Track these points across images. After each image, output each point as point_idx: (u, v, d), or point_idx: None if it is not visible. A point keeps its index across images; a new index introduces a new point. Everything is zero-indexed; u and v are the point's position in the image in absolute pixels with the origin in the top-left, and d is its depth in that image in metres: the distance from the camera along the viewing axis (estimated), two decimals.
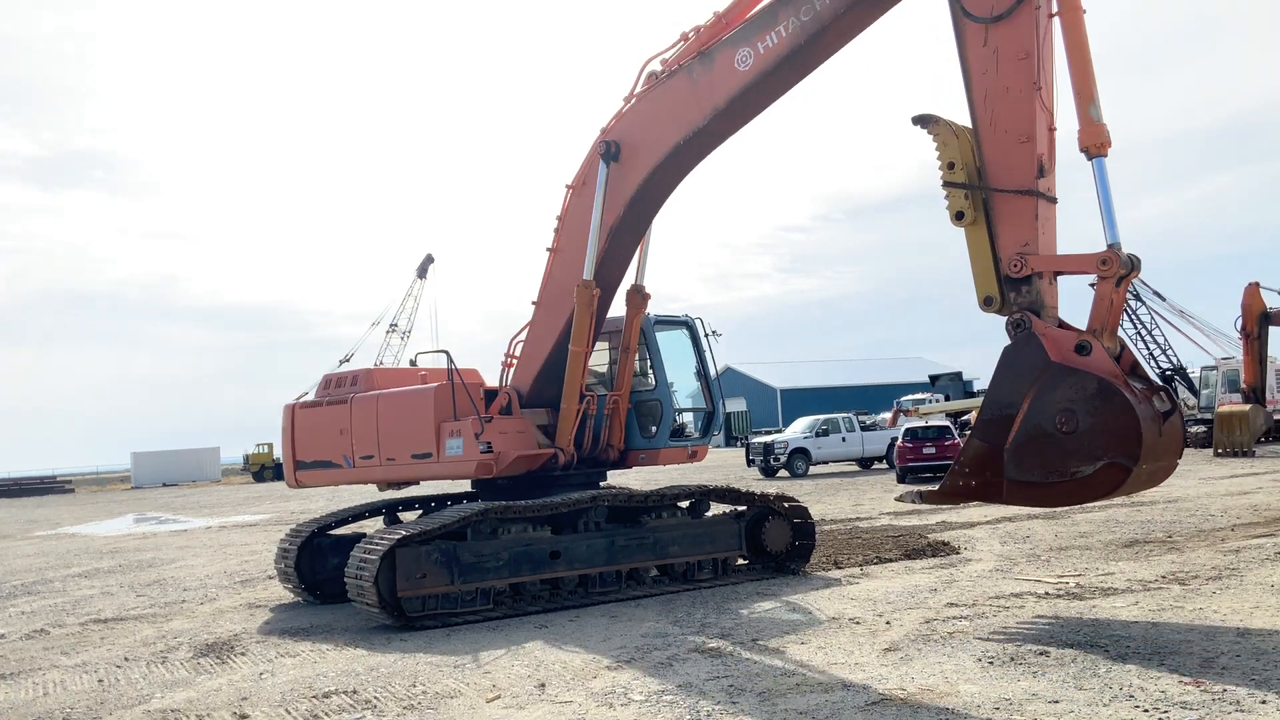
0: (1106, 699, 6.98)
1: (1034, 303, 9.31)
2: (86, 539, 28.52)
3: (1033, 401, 9.00)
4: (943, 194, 9.76)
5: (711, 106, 11.24)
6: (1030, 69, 9.37)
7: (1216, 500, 19.57)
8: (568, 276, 12.68)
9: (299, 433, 14.18)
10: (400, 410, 13.16)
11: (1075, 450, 8.87)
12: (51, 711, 8.58)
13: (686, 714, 7.26)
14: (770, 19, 10.65)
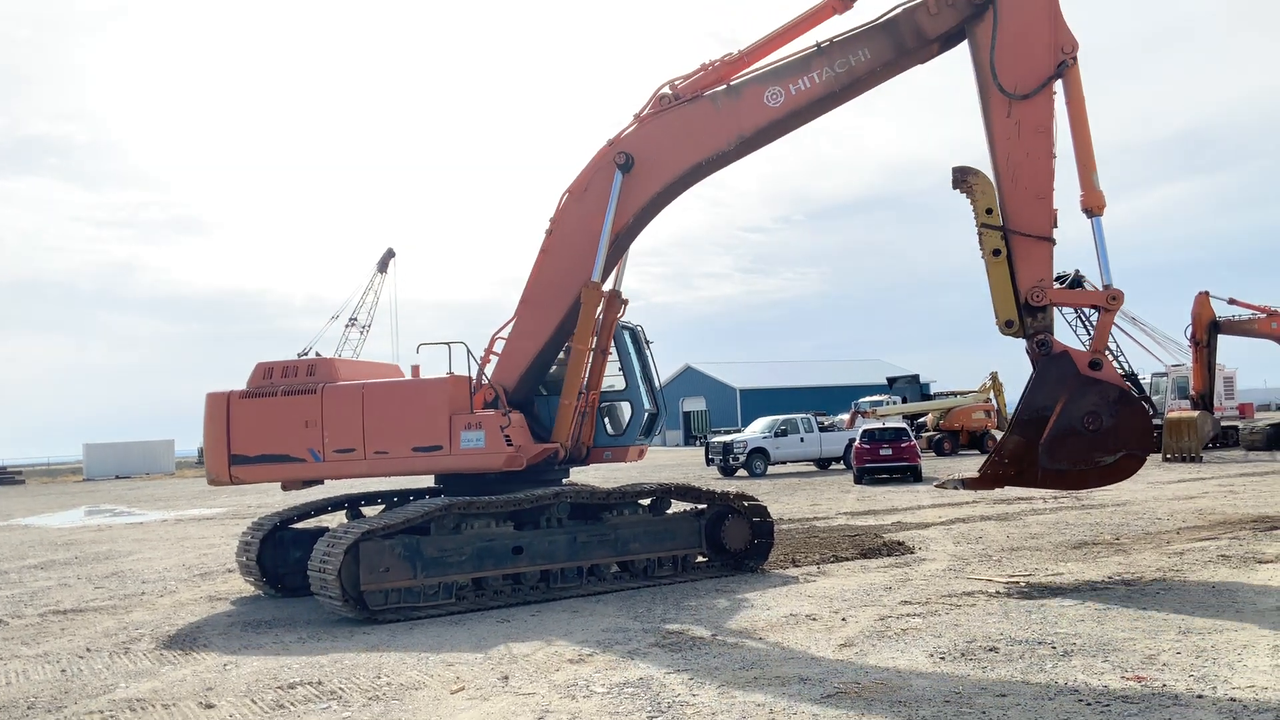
0: (1052, 693, 7.25)
1: (1047, 327, 11.64)
2: (40, 531, 28.23)
3: (1065, 405, 11.33)
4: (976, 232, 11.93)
5: (738, 134, 12.46)
6: (1049, 140, 11.62)
7: (1164, 504, 20.05)
8: (560, 277, 13.12)
9: (237, 424, 13.13)
10: (401, 402, 12.87)
11: (1100, 444, 11.40)
12: (15, 700, 8.62)
13: (647, 706, 7.44)
14: (804, 65, 12.20)
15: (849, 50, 12.12)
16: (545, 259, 13.36)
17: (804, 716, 6.96)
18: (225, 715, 7.80)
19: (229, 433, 13.15)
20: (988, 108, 11.80)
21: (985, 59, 11.72)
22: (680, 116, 12.68)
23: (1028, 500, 22.05)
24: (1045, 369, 11.51)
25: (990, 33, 11.69)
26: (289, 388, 13.18)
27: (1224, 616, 9.58)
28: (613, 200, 12.80)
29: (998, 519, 18.77)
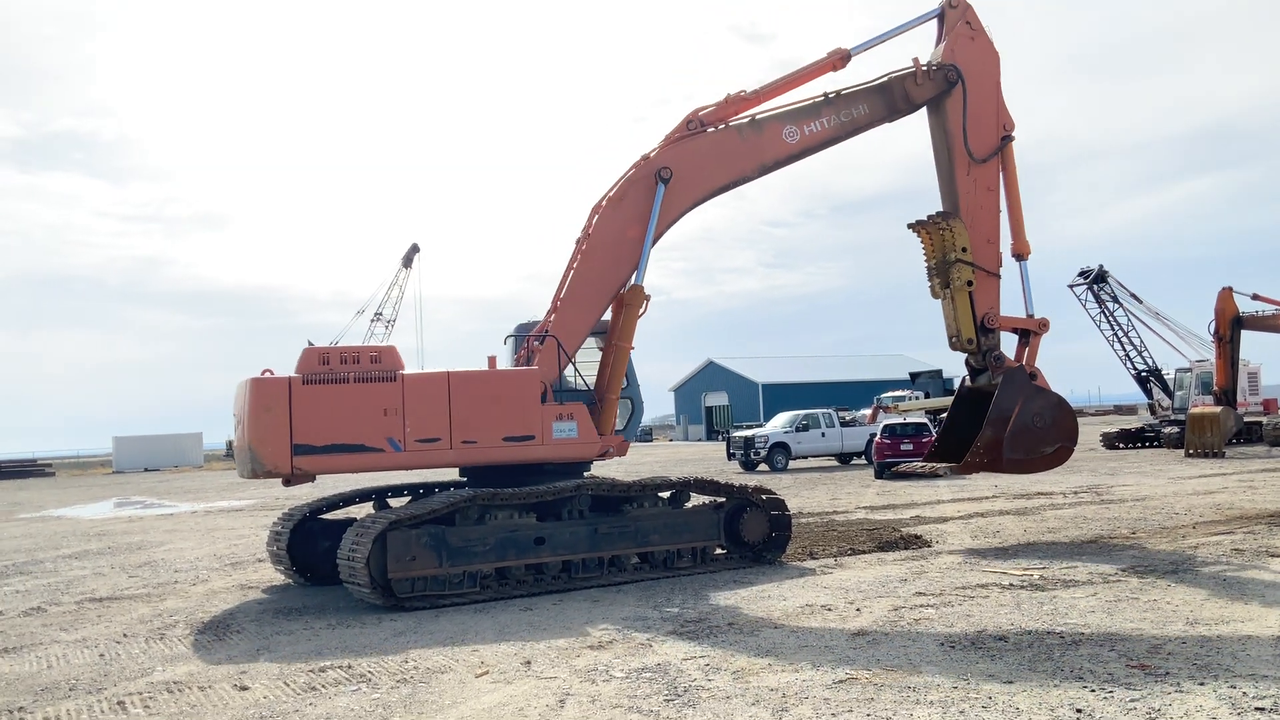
0: (1058, 680, 7.47)
1: (996, 345, 14.96)
2: (73, 522, 28.78)
3: (1021, 407, 14.41)
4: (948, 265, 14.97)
5: (760, 164, 14.53)
6: (997, 197, 15.11)
7: (1182, 499, 20.15)
8: (599, 278, 14.01)
9: (300, 412, 12.29)
10: (492, 391, 12.99)
11: (1045, 438, 14.64)
12: (58, 682, 8.97)
13: (664, 690, 7.71)
14: (816, 111, 14.61)
15: (852, 104, 14.73)
16: (586, 262, 14.03)
17: (816, 701, 7.21)
18: (259, 697, 8.11)
19: (293, 420, 12.29)
20: (952, 167, 14.85)
21: (956, 127, 14.84)
22: (712, 141, 14.28)
23: (1047, 495, 22.19)
24: (1009, 379, 14.47)
25: (959, 106, 14.81)
26: (362, 374, 12.64)
27: (1232, 608, 9.76)
28: (655, 210, 13.97)
29: (1016, 514, 18.93)
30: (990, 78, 15.05)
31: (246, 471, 12.48)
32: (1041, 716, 6.61)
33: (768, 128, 14.43)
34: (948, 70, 14.81)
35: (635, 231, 14.01)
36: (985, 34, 15.17)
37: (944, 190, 14.97)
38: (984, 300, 14.66)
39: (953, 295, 14.45)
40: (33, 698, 8.44)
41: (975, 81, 14.96)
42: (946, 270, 14.53)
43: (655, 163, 14.08)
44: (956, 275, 14.43)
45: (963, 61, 14.92)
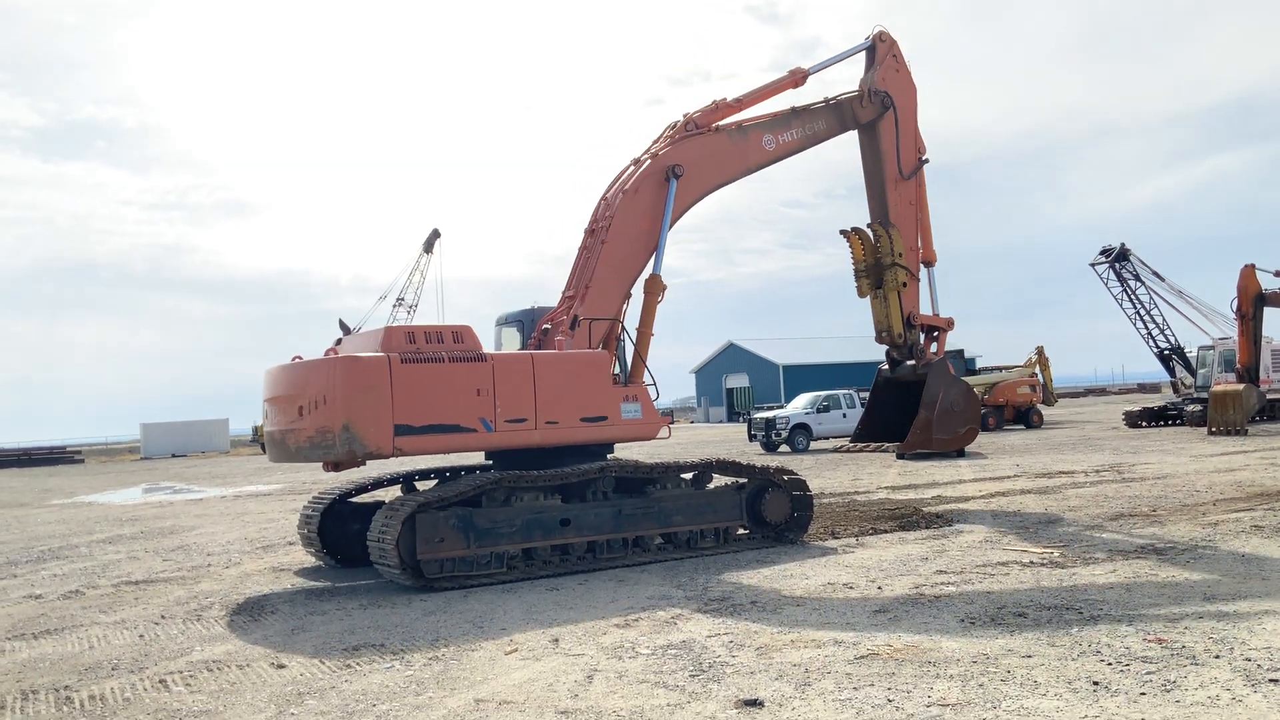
0: (1075, 654, 7.63)
1: (919, 340, 17.12)
2: (104, 508, 29.23)
3: (945, 393, 16.59)
4: None
5: (746, 167, 15.83)
6: (915, 210, 17.22)
7: (1204, 477, 20.19)
8: (619, 264, 14.52)
9: (400, 392, 12.07)
10: (572, 373, 13.29)
11: (961, 420, 17.07)
12: (100, 662, 9.24)
13: (689, 665, 7.91)
14: (786, 122, 16.09)
15: (813, 118, 16.30)
16: (610, 251, 14.43)
17: (838, 675, 7.40)
18: (296, 674, 8.36)
19: (394, 400, 12.05)
20: (883, 182, 16.85)
21: (890, 146, 16.82)
22: (709, 143, 15.40)
23: (1068, 474, 22.26)
24: (935, 370, 16.53)
25: (892, 128, 16.86)
26: (456, 354, 12.59)
27: (1250, 584, 9.88)
28: (670, 202, 14.75)
29: (1038, 493, 19.03)
30: (911, 106, 17.23)
31: (340, 453, 11.94)
32: (1059, 689, 6.77)
33: (752, 135, 15.79)
34: (883, 96, 16.78)
35: (649, 224, 14.73)
36: (907, 67, 17.29)
37: (873, 203, 16.96)
38: (909, 300, 16.69)
39: (886, 295, 16.36)
40: (77, 677, 8.72)
41: (901, 108, 17.06)
42: (880, 272, 16.34)
43: (666, 159, 14.85)
44: (893, 277, 16.34)
45: (891, 90, 16.93)
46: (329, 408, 11.99)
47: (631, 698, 7.14)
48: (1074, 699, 6.54)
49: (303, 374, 12.53)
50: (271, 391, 13.09)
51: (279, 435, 12.77)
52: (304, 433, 12.25)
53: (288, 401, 12.61)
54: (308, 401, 12.25)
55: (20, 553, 18.33)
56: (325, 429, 12.02)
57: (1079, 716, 6.19)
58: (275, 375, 13.09)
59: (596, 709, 6.93)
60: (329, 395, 12.03)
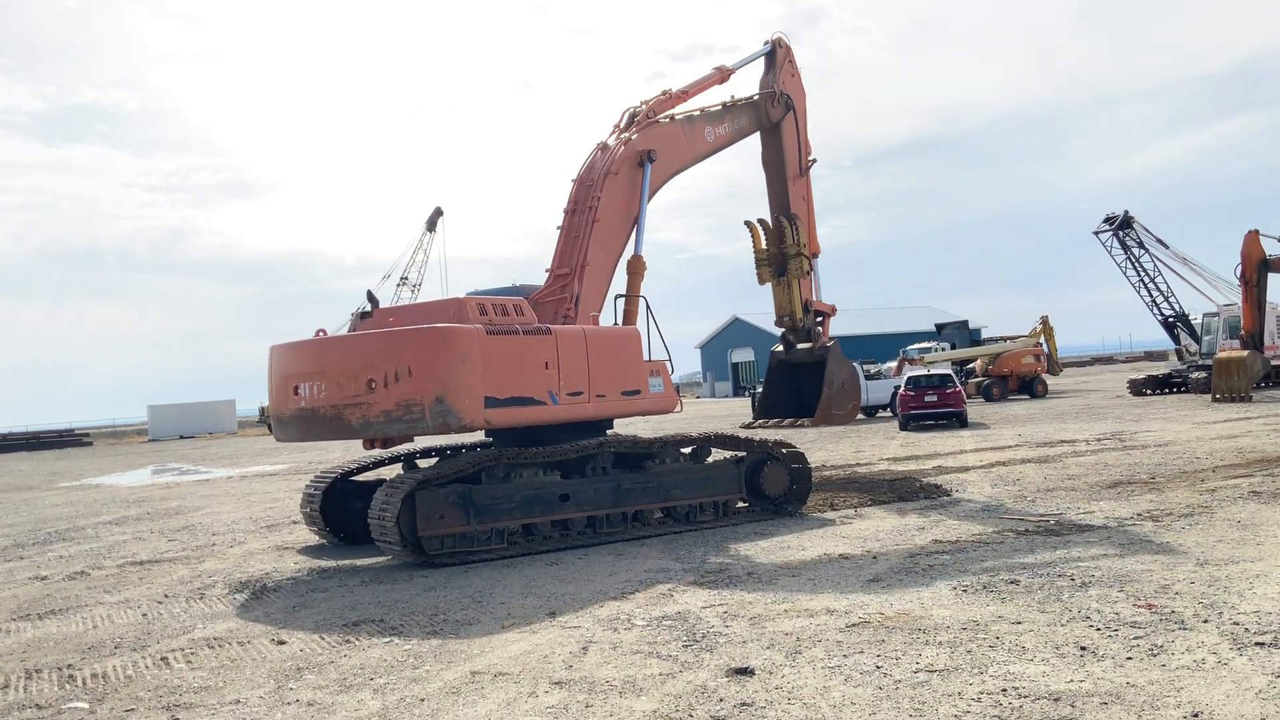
0: (1065, 620, 7.70)
1: (814, 324, 17.66)
2: (111, 489, 29.43)
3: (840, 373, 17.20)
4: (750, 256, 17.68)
5: (694, 157, 16.39)
6: (806, 206, 17.81)
7: (1205, 444, 20.22)
8: (608, 244, 14.76)
9: (487, 363, 12.14)
10: (614, 347, 13.72)
11: (849, 397, 17.55)
12: (103, 641, 9.36)
13: (683, 636, 8.00)
14: (721, 117, 16.70)
15: (739, 114, 16.95)
16: (601, 232, 14.56)
17: (829, 644, 7.47)
18: (296, 650, 8.46)
19: (485, 372, 12.10)
20: (785, 179, 17.41)
21: (791, 145, 17.50)
22: (670, 131, 15.91)
23: (1069, 443, 22.31)
24: (833, 352, 17.17)
25: (793, 128, 17.57)
26: (528, 328, 12.80)
27: (1244, 549, 9.94)
28: (646, 184, 15.10)
29: (1038, 462, 19.09)
30: (804, 109, 18.10)
31: (432, 425, 11.79)
32: (1046, 654, 6.84)
33: (697, 126, 16.30)
34: (786, 98, 17.55)
35: (628, 206, 15.02)
36: (799, 74, 18.09)
37: (775, 198, 17.58)
38: (807, 287, 17.47)
39: (790, 282, 17.15)
40: (80, 655, 8.83)
41: (798, 110, 17.86)
42: (784, 261, 17.09)
43: (640, 144, 15.24)
44: (797, 265, 17.08)
45: (790, 93, 17.70)
46: (417, 379, 11.79)
47: (625, 668, 7.22)
48: (1061, 664, 6.61)
49: (376, 345, 12.19)
50: (309, 366, 12.61)
51: (329, 410, 12.25)
52: (378, 406, 11.91)
53: (346, 375, 12.17)
54: (385, 373, 11.91)
55: (27, 535, 18.49)
56: (411, 401, 11.79)
57: (1065, 681, 6.26)
58: (314, 348, 12.73)
59: (590, 679, 7.01)
60: (417, 366, 11.83)
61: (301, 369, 12.73)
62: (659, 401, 14.16)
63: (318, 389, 12.47)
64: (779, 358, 18.02)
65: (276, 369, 13.15)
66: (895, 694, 6.24)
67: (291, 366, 12.89)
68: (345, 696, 7.01)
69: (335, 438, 12.72)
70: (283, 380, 12.92)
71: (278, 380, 13.07)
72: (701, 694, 6.50)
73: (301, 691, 7.21)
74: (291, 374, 12.81)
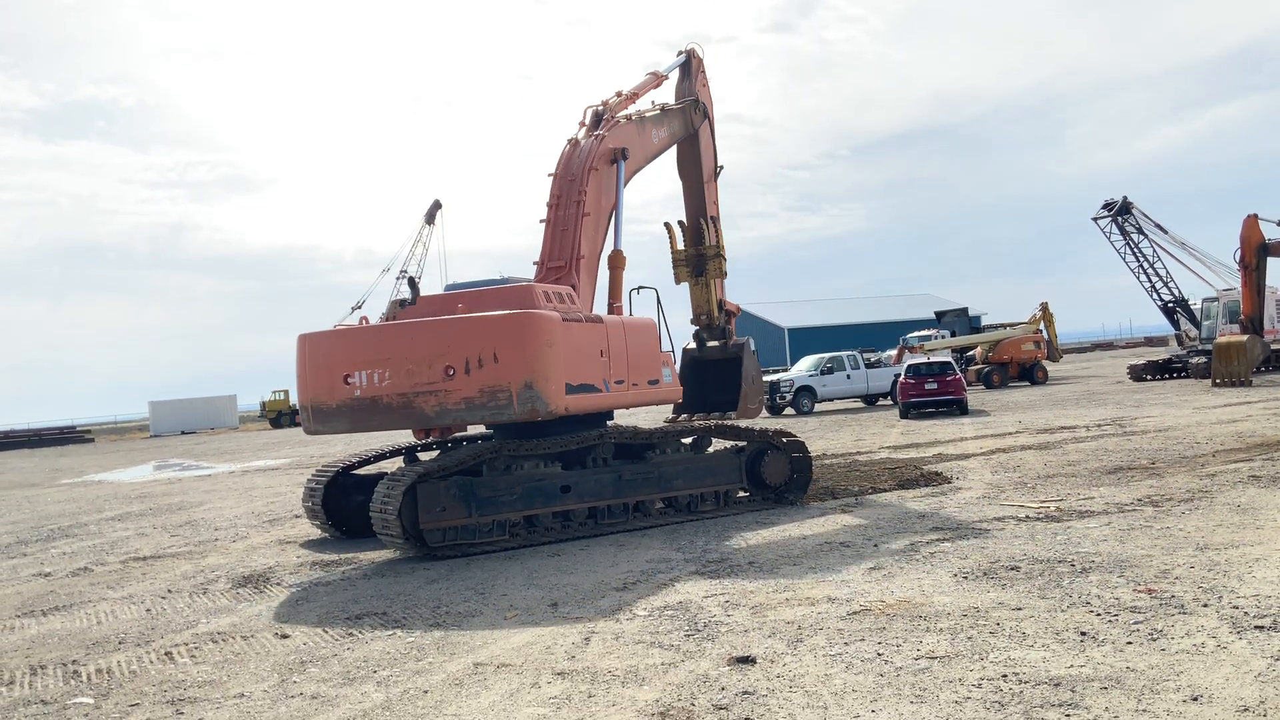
0: (1065, 605, 7.72)
1: (729, 322, 17.56)
2: (114, 485, 29.47)
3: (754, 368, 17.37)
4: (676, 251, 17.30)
5: (647, 155, 16.42)
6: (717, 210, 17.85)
7: (1205, 429, 20.24)
8: (595, 238, 14.83)
9: (565, 350, 12.31)
10: (641, 337, 14.02)
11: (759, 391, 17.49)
12: (107, 636, 9.39)
13: (684, 625, 8.03)
14: (661, 121, 16.71)
15: (672, 119, 16.95)
16: (589, 221, 14.55)
17: (830, 632, 7.50)
18: (299, 644, 8.49)
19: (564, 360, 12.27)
20: (702, 184, 17.50)
21: (708, 152, 17.68)
22: (630, 130, 15.94)
23: (1069, 429, 22.34)
24: (746, 349, 17.21)
25: (709, 135, 17.73)
26: (589, 316, 13.12)
27: (1243, 534, 9.96)
28: (621, 180, 15.26)
29: (1038, 448, 19.11)
30: (714, 118, 18.28)
31: (520, 412, 11.81)
32: (1046, 640, 6.87)
33: (648, 127, 16.41)
34: (703, 106, 17.76)
35: (607, 201, 15.13)
36: (709, 84, 18.31)
37: (693, 201, 17.74)
38: (720, 287, 17.65)
39: (708, 282, 17.30)
40: (84, 651, 8.86)
41: (711, 119, 18.04)
42: (702, 262, 17.21)
43: (613, 143, 15.32)
44: (716, 267, 17.21)
45: (704, 101, 17.87)
46: (503, 365, 11.81)
47: (627, 658, 7.25)
48: (1061, 649, 6.64)
49: (456, 330, 12.08)
50: (368, 353, 12.20)
51: (395, 399, 11.98)
52: (458, 393, 11.85)
53: (418, 361, 11.95)
54: (467, 359, 11.86)
55: (30, 531, 18.54)
56: (497, 388, 11.80)
57: (1065, 666, 6.29)
58: (374, 335, 12.39)
59: (592, 669, 7.04)
60: (504, 352, 11.83)
61: (357, 357, 12.25)
62: (671, 391, 14.61)
63: (379, 377, 12.11)
64: (692, 355, 18.06)
65: (318, 358, 12.58)
66: (896, 681, 6.27)
67: (342, 354, 12.39)
68: (349, 689, 7.04)
69: (401, 426, 12.48)
70: (326, 369, 12.43)
71: (318, 370, 12.52)
72: (704, 683, 6.53)
73: (305, 685, 7.24)
74: (341, 362, 12.32)
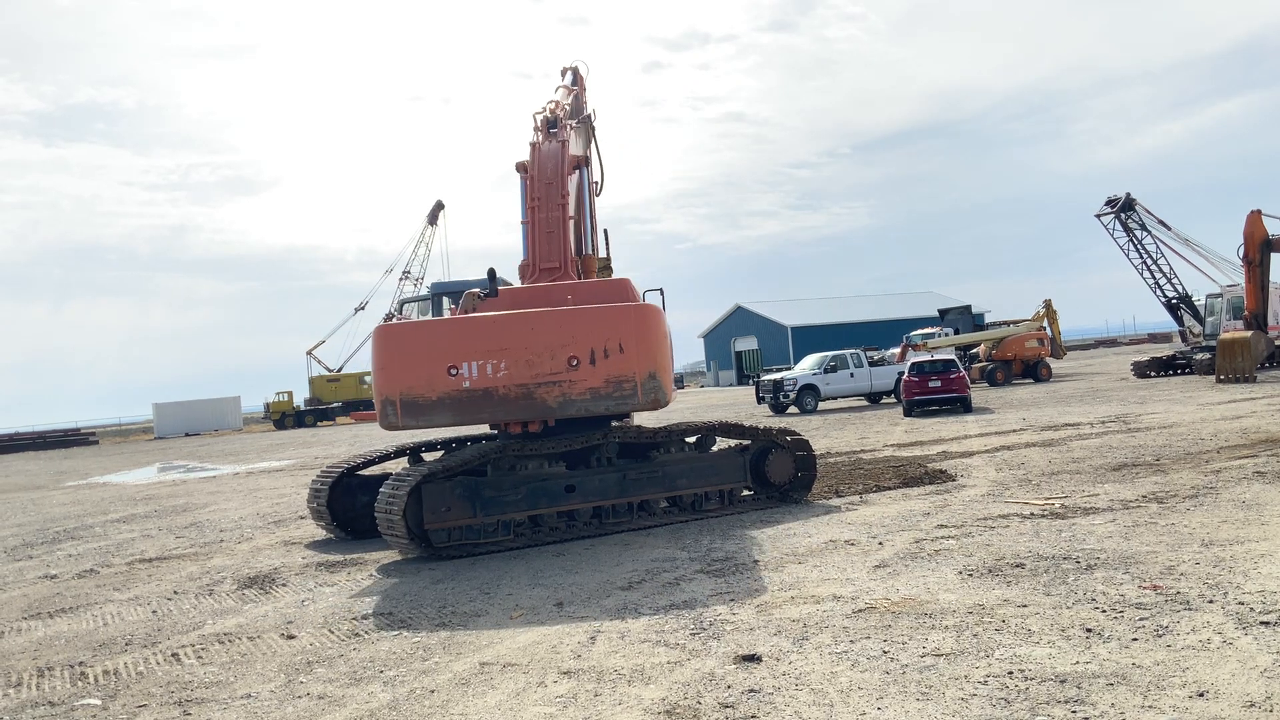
0: (1070, 602, 7.72)
1: None
2: (118, 487, 29.51)
3: None
4: None
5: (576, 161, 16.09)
6: None
7: (1210, 425, 20.21)
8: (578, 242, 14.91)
9: None
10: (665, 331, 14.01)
11: None
12: (114, 638, 9.41)
13: (690, 624, 8.04)
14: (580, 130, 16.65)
15: (581, 132, 16.83)
16: (572, 225, 14.69)
17: (835, 630, 7.51)
18: (305, 645, 8.50)
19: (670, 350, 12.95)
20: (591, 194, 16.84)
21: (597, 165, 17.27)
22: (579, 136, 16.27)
23: (1074, 426, 22.32)
24: None
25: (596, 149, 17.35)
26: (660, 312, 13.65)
27: (1248, 530, 9.95)
28: (586, 184, 15.71)
29: (1042, 445, 19.10)
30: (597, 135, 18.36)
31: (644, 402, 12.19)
32: (1052, 636, 6.87)
33: (578, 136, 16.44)
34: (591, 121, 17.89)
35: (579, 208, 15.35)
36: None
37: None
38: None
39: None
40: (91, 652, 8.88)
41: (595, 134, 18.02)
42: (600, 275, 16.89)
43: (574, 148, 15.51)
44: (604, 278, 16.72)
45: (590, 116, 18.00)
46: (629, 356, 12.15)
47: (633, 657, 7.26)
48: (1066, 646, 6.64)
49: (581, 320, 12.28)
50: (483, 343, 12.13)
51: (513, 390, 12.04)
52: (583, 384, 12.08)
53: (539, 352, 12.08)
54: (593, 349, 12.09)
55: (36, 534, 18.57)
56: (623, 378, 12.16)
57: (1070, 663, 6.29)
58: (490, 325, 12.28)
59: (598, 668, 7.05)
60: (629, 343, 12.16)
61: (469, 347, 12.14)
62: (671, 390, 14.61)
63: (494, 368, 12.09)
64: None
65: (413, 349, 12.26)
66: (902, 678, 6.27)
67: (446, 345, 12.20)
68: (355, 689, 7.06)
69: (517, 418, 12.45)
70: (424, 361, 12.13)
71: (413, 361, 12.17)
72: (710, 681, 6.54)
73: (312, 685, 7.26)
74: (445, 353, 12.14)
